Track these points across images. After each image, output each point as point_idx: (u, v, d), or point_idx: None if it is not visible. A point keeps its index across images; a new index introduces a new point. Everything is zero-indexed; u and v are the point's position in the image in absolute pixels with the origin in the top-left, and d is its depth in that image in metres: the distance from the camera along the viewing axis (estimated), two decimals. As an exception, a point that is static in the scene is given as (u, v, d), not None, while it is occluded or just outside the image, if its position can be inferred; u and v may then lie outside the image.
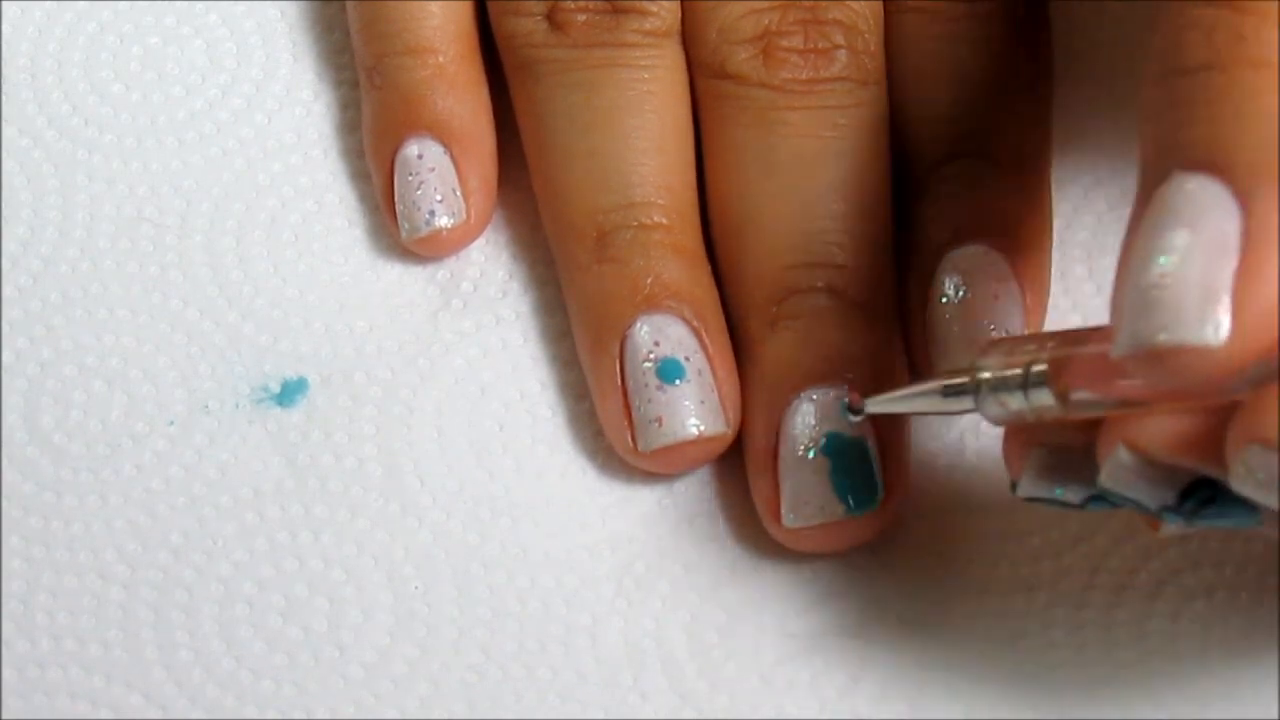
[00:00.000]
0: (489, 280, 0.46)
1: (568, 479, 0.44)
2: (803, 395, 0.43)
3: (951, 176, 0.45)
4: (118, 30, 0.49)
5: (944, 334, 0.44)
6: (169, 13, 0.50)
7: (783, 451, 0.43)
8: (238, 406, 0.45)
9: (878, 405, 0.41)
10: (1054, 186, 0.47)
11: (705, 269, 0.45)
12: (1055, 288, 0.46)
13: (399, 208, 0.46)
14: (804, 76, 0.45)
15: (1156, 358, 0.34)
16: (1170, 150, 0.35)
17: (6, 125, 0.48)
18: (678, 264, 0.44)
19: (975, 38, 0.46)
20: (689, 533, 0.44)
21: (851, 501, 0.42)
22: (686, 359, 0.43)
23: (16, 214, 0.47)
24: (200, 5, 0.50)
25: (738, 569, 0.43)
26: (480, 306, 0.46)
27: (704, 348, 0.44)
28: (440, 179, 0.46)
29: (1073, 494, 0.38)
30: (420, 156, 0.46)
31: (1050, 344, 0.37)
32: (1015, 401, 0.38)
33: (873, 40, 0.46)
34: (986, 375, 0.38)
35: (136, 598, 0.43)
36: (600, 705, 0.42)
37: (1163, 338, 0.33)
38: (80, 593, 0.43)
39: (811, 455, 0.42)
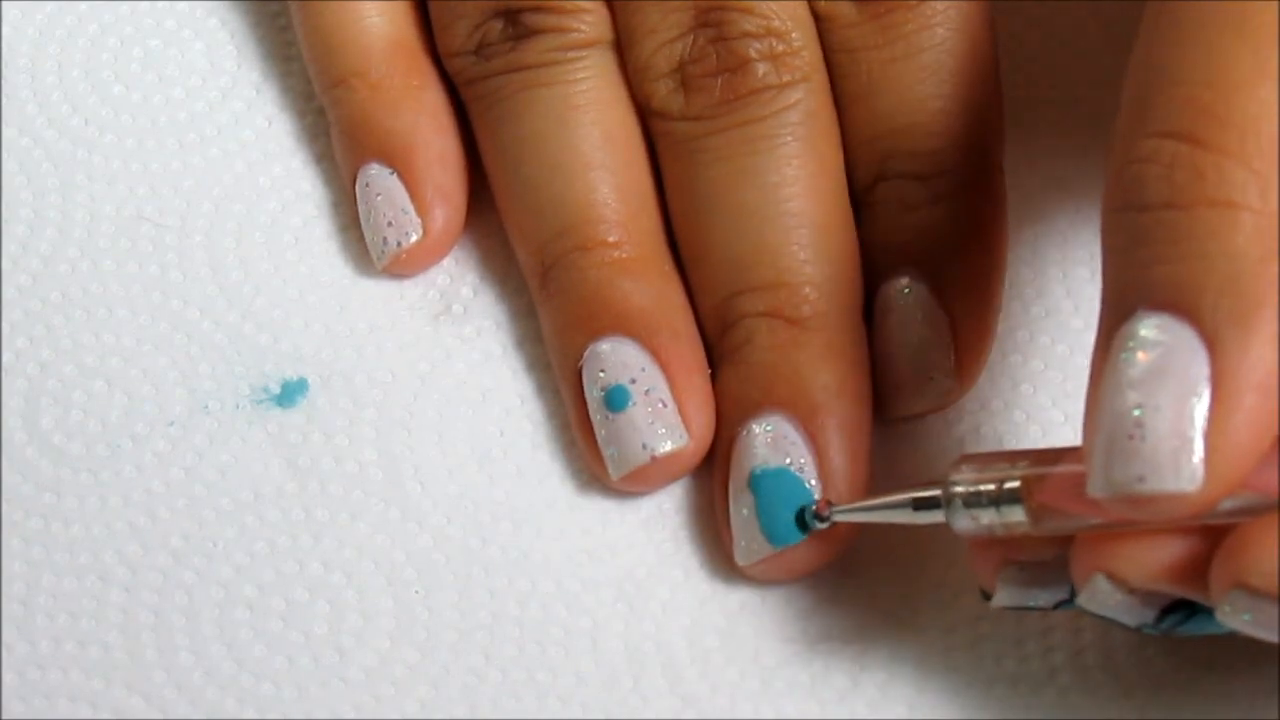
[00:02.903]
0: (490, 285, 0.46)
1: (568, 483, 0.44)
2: (742, 431, 0.43)
3: (876, 202, 0.45)
4: (118, 32, 0.49)
5: (883, 373, 0.44)
6: (170, 15, 0.50)
7: (729, 490, 0.43)
8: (238, 407, 0.45)
9: (844, 515, 0.41)
10: (1055, 187, 0.47)
11: (658, 273, 0.45)
12: (1058, 289, 0.46)
13: (365, 237, 0.46)
14: (717, 100, 0.44)
15: (1132, 502, 0.34)
16: (1133, 287, 0.35)
17: (6, 125, 0.48)
18: (623, 280, 0.44)
19: (893, 49, 0.45)
20: (689, 537, 0.44)
21: (783, 535, 0.42)
22: (632, 381, 0.43)
23: (16, 214, 0.47)
24: (201, 8, 0.50)
25: (737, 574, 0.43)
26: (481, 311, 0.46)
27: (657, 360, 0.43)
28: (386, 202, 0.46)
29: (1045, 600, 0.39)
30: (368, 185, 0.46)
31: (1023, 462, 0.38)
32: (987, 516, 0.38)
33: (795, 38, 0.44)
34: (959, 490, 0.38)
35: (137, 600, 0.43)
36: (601, 708, 0.42)
37: (1139, 487, 0.34)
38: (80, 595, 0.43)
39: (742, 492, 0.42)
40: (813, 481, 0.42)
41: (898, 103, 0.44)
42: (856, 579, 0.43)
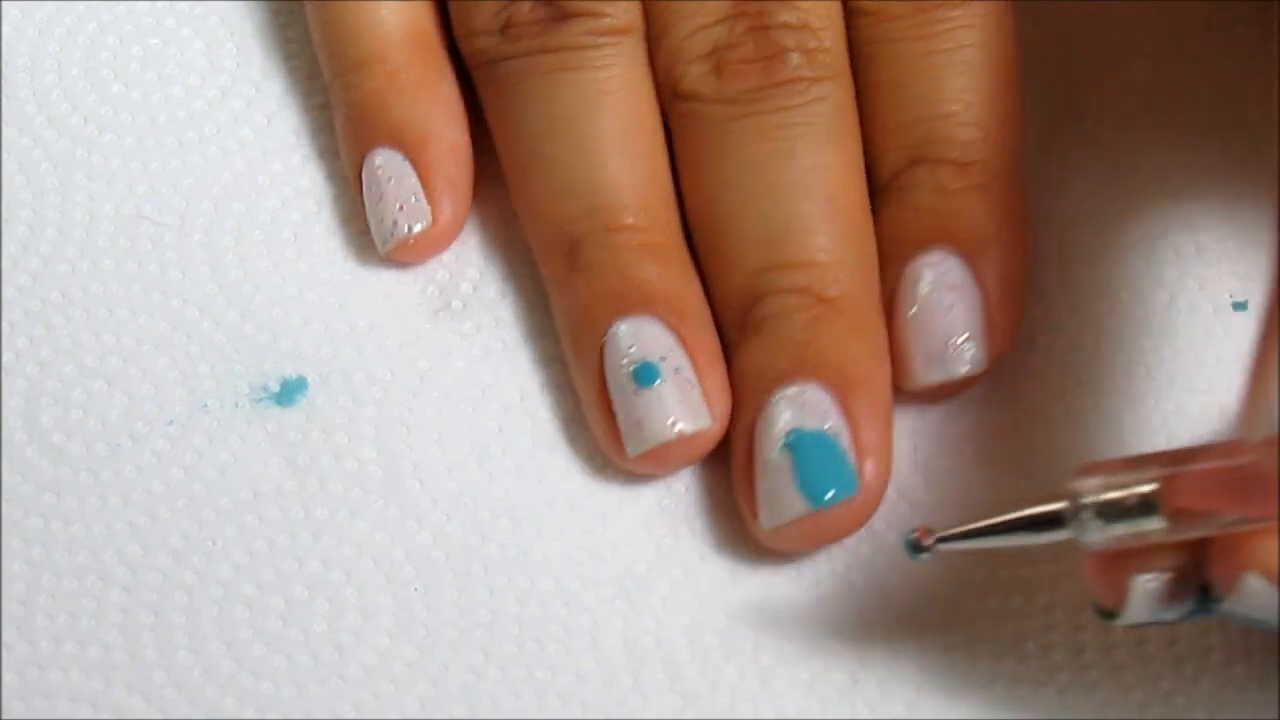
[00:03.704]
0: (489, 281, 0.46)
1: (568, 480, 0.44)
2: (772, 397, 0.43)
3: (911, 185, 0.45)
4: (118, 30, 0.49)
5: (908, 347, 0.44)
6: (169, 14, 0.50)
7: (755, 455, 0.43)
8: (237, 406, 0.45)
9: (951, 543, 0.39)
10: (1055, 188, 0.47)
11: (680, 261, 0.45)
12: (1055, 290, 0.46)
13: (369, 221, 0.46)
14: (753, 85, 0.45)
15: None
16: None
17: (6, 125, 0.48)
18: (649, 262, 0.44)
19: (927, 37, 0.45)
20: (689, 534, 0.44)
21: (819, 494, 0.42)
22: (662, 359, 0.43)
23: (16, 214, 0.47)
24: (200, 6, 0.50)
25: (737, 570, 0.43)
26: (480, 307, 0.46)
27: (682, 343, 0.44)
28: (399, 187, 0.46)
29: (1175, 613, 0.38)
30: (379, 168, 0.46)
31: (1150, 465, 0.37)
32: (1120, 527, 0.37)
33: (827, 35, 0.45)
34: (1090, 500, 0.37)
35: (136, 600, 0.43)
36: (600, 706, 0.42)
37: None
38: (80, 595, 0.43)
39: (775, 454, 0.42)
40: (848, 451, 0.42)
41: (937, 91, 0.45)
42: (855, 578, 0.43)
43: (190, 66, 0.49)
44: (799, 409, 0.42)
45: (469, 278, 0.47)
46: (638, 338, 0.44)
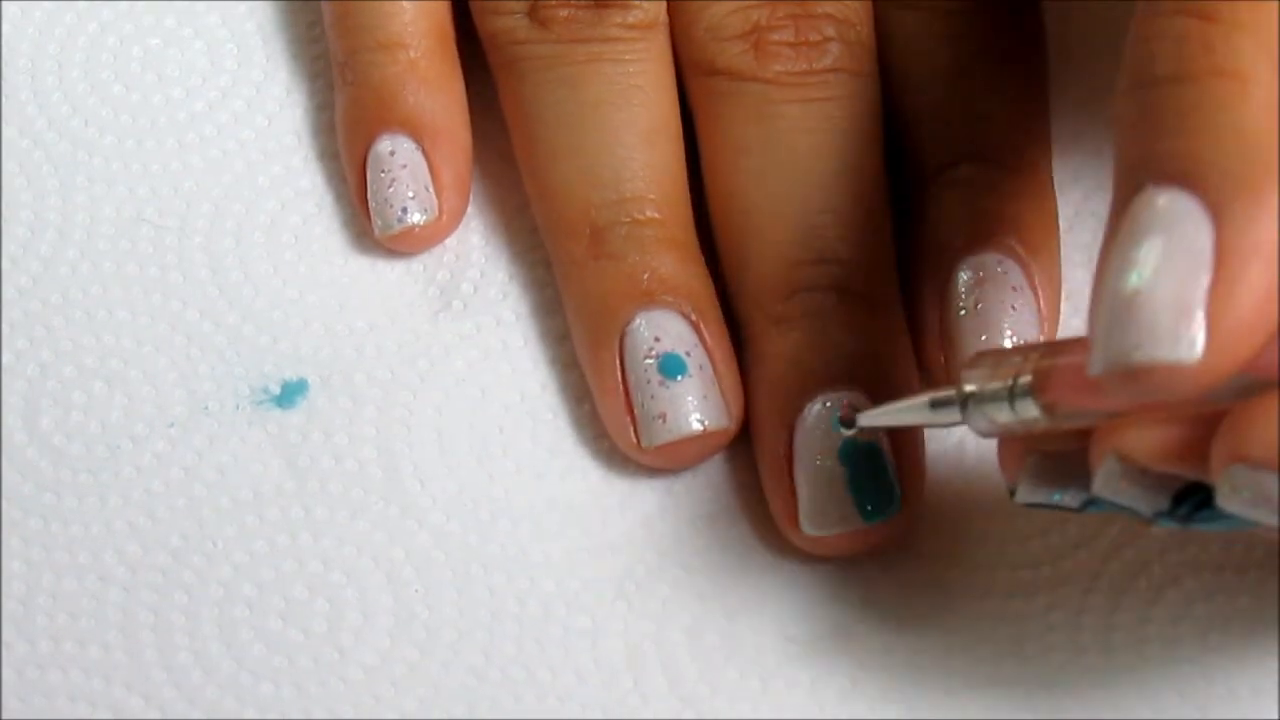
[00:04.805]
0: (490, 282, 0.47)
1: (568, 481, 0.44)
2: (816, 400, 0.43)
3: (958, 181, 0.45)
4: (118, 31, 0.49)
5: (964, 344, 0.44)
6: (169, 14, 0.50)
7: (798, 458, 0.42)
8: (238, 408, 0.45)
9: (869, 419, 0.41)
10: (1056, 189, 0.47)
11: (699, 261, 0.45)
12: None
13: (372, 204, 0.46)
14: (797, 69, 0.45)
15: (1131, 376, 0.33)
16: (1142, 163, 0.34)
17: (6, 126, 0.48)
18: (673, 258, 0.44)
19: (971, 36, 0.46)
20: (689, 536, 0.44)
21: (870, 509, 0.42)
22: (687, 354, 0.43)
23: (16, 215, 0.47)
24: (201, 6, 0.50)
25: (738, 572, 0.43)
26: (481, 308, 0.46)
27: (703, 342, 0.44)
28: (412, 175, 0.46)
29: (1070, 498, 0.38)
30: (392, 153, 0.46)
31: (1035, 355, 0.37)
32: (1002, 414, 0.37)
33: (864, 32, 0.46)
34: (972, 389, 0.38)
35: (136, 600, 0.43)
36: (600, 707, 0.42)
37: (1136, 356, 0.33)
38: (80, 595, 0.43)
39: (828, 463, 0.42)
40: (892, 464, 0.42)
41: (992, 90, 0.45)
42: (855, 579, 0.43)
43: (190, 67, 0.49)
44: (851, 418, 0.42)
45: (470, 278, 0.47)
46: (663, 330, 0.44)
